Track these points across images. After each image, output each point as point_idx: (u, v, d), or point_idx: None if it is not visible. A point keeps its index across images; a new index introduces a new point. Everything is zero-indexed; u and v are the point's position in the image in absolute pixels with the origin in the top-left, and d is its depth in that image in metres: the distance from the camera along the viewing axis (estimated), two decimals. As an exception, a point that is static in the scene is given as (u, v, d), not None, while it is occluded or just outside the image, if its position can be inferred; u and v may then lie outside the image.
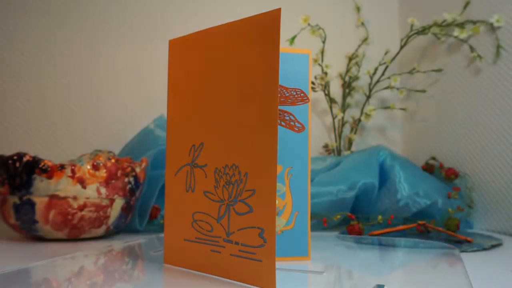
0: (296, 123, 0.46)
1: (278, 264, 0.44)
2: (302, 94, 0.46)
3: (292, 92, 0.46)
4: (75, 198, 0.59)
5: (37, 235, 0.61)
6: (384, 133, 1.02)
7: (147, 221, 0.70)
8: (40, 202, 0.58)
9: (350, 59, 0.97)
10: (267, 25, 0.37)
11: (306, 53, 0.47)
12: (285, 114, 0.46)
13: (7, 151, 0.63)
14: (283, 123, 0.46)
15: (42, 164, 0.58)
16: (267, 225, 0.35)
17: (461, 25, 0.83)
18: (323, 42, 0.93)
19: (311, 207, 0.65)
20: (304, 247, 0.46)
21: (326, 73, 0.95)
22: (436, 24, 0.87)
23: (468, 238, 0.62)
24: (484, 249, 0.58)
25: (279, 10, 0.36)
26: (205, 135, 0.41)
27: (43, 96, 0.90)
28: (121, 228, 0.67)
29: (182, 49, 0.46)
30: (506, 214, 0.74)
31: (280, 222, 0.46)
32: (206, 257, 0.40)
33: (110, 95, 0.92)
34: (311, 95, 0.46)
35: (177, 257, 0.44)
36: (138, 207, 0.70)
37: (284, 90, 0.46)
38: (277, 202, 0.45)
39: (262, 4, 1.01)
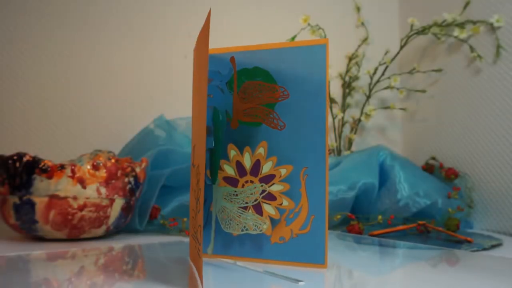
0: (278, 121, 0.45)
1: (265, 266, 0.44)
2: (281, 89, 0.45)
3: (269, 87, 0.45)
4: (75, 198, 0.59)
5: (37, 235, 0.61)
6: (384, 133, 1.02)
7: (147, 221, 0.70)
8: (40, 202, 0.58)
9: (350, 59, 0.97)
10: (203, 29, 0.38)
11: (323, 43, 0.44)
12: (269, 112, 0.45)
13: (7, 151, 0.63)
14: (268, 122, 0.45)
15: (42, 164, 0.58)
16: (201, 224, 0.37)
17: (461, 25, 0.83)
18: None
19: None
20: (320, 254, 0.43)
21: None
22: (436, 24, 0.87)
23: (468, 238, 0.62)
24: (484, 249, 0.58)
25: (209, 11, 0.37)
26: (195, 137, 0.43)
27: (43, 96, 0.90)
28: (121, 228, 0.67)
29: (194, 57, 0.47)
30: (506, 214, 0.74)
31: (258, 223, 0.44)
32: (195, 254, 0.41)
33: (110, 95, 0.92)
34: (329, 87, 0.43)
35: (191, 253, 0.45)
36: (138, 207, 0.70)
37: (266, 87, 0.45)
38: (287, 203, 0.45)
39: (261, 5, 1.02)
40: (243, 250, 0.46)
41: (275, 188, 0.44)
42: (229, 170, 0.46)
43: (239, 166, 0.46)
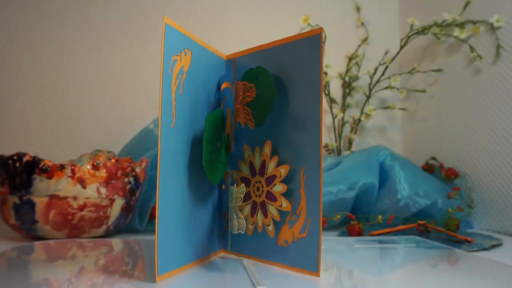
0: (250, 119, 0.45)
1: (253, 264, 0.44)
2: (248, 87, 0.44)
3: (243, 86, 0.45)
4: (75, 198, 0.59)
5: (37, 235, 0.61)
6: (384, 133, 1.02)
7: (147, 221, 0.70)
8: (40, 202, 0.58)
9: (350, 59, 0.97)
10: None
11: (317, 33, 0.41)
12: (243, 110, 0.45)
13: (7, 151, 0.63)
14: (246, 120, 0.45)
15: (42, 164, 0.58)
16: None
17: (461, 25, 0.83)
18: (323, 43, 0.93)
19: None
20: (313, 262, 0.41)
21: (326, 73, 0.95)
22: (436, 24, 0.87)
23: (468, 238, 0.62)
24: (484, 249, 0.58)
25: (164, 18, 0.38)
26: None
27: (43, 96, 0.90)
28: (121, 228, 0.67)
29: None
30: (506, 214, 0.74)
31: (234, 224, 0.45)
32: None
33: (110, 95, 0.92)
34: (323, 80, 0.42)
35: None
36: (138, 207, 0.70)
37: (242, 86, 0.45)
38: (285, 205, 0.44)
39: (261, 5, 1.02)
40: (254, 250, 0.46)
41: (277, 188, 0.44)
42: (245, 170, 0.47)
43: (251, 166, 0.46)
